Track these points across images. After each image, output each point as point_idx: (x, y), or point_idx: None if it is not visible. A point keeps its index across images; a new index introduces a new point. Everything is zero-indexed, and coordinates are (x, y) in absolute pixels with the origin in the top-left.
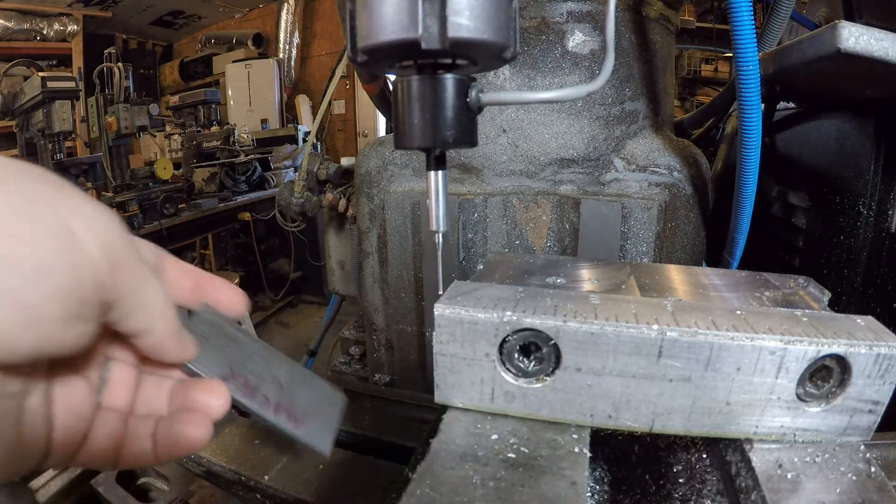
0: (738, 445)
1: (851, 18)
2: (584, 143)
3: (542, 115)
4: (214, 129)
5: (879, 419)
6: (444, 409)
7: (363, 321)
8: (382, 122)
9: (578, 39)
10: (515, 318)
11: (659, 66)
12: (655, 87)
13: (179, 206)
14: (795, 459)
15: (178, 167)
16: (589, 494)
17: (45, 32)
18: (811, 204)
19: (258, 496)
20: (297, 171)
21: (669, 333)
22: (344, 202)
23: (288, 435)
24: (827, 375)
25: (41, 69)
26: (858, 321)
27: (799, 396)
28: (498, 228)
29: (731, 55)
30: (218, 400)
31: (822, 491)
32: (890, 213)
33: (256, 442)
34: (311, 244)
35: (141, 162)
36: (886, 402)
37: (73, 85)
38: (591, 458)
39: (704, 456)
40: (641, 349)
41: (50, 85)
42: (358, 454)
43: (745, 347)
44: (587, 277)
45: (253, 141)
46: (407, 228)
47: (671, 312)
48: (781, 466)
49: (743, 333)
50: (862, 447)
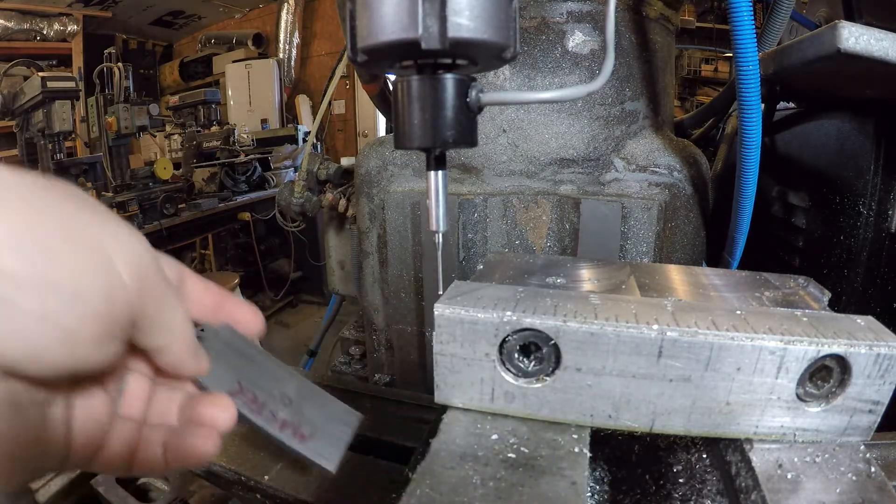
0: (738, 445)
1: (851, 18)
2: (584, 143)
3: (542, 115)
4: (214, 129)
5: (879, 419)
6: (444, 409)
7: (363, 321)
8: (382, 122)
9: (578, 39)
10: (515, 318)
11: (659, 66)
12: (655, 87)
13: (179, 206)
14: (795, 459)
15: (178, 167)
16: (589, 494)
17: (45, 32)
18: (811, 204)
19: (258, 496)
20: (297, 171)
21: (669, 333)
22: (344, 202)
23: (292, 450)
24: (827, 375)
25: (41, 69)
26: (858, 321)
27: (799, 396)
28: (498, 228)
29: (731, 55)
30: (224, 414)
31: (822, 491)
32: (890, 213)
33: (257, 442)
34: (311, 244)
35: (141, 162)
36: (886, 402)
37: (73, 85)
38: (591, 458)
39: (704, 456)
40: (641, 349)
41: (50, 85)
42: (358, 454)
43: (745, 347)
44: (587, 277)
45: (253, 141)
46: (407, 228)
47: (671, 312)
48: (781, 466)
49: (743, 333)
50: (862, 447)
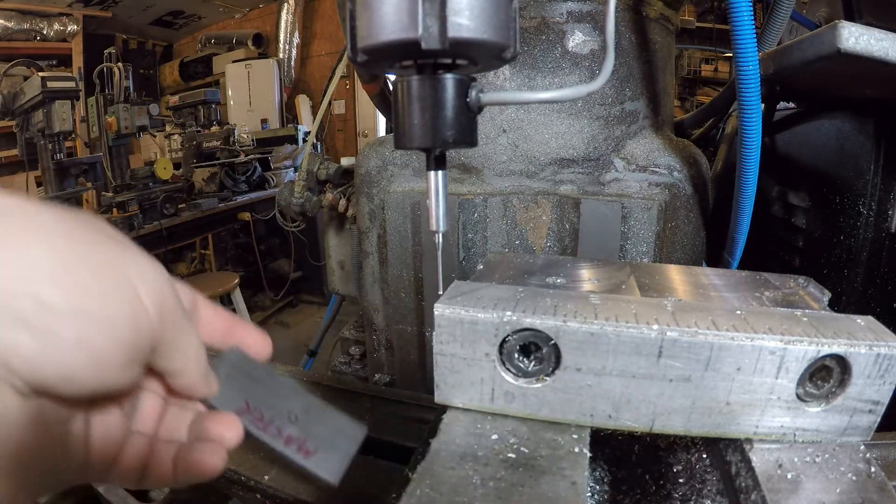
0: (738, 445)
1: (851, 18)
2: (584, 143)
3: (542, 115)
4: (214, 129)
5: (879, 419)
6: (444, 409)
7: (363, 321)
8: (382, 122)
9: (578, 39)
10: (515, 318)
11: (659, 66)
12: (655, 87)
13: (179, 206)
14: (795, 459)
15: (178, 167)
16: (589, 494)
17: (45, 32)
18: (811, 204)
19: (258, 496)
20: (297, 171)
21: (669, 333)
22: (344, 202)
23: (297, 465)
24: (827, 375)
25: (41, 69)
26: (858, 321)
27: (799, 396)
28: (498, 228)
29: (731, 55)
30: (231, 432)
31: (822, 491)
32: (890, 213)
33: (256, 444)
34: (311, 244)
35: (141, 162)
36: (886, 402)
37: (73, 85)
38: (591, 458)
39: (704, 456)
40: (641, 349)
41: (50, 85)
42: (358, 454)
43: (745, 347)
44: (587, 277)
45: (253, 141)
46: (407, 228)
47: (671, 312)
48: (781, 466)
49: (743, 333)
50: (862, 447)
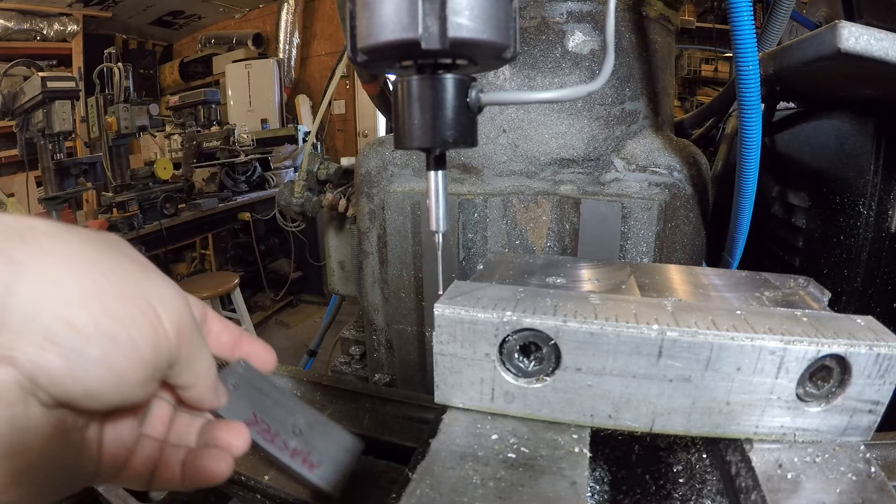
0: (738, 445)
1: (851, 18)
2: (584, 143)
3: (542, 115)
4: (214, 129)
5: (879, 419)
6: (444, 409)
7: (363, 321)
8: (382, 122)
9: (578, 39)
10: (515, 318)
11: (659, 66)
12: (655, 87)
13: (179, 206)
14: (795, 459)
15: (178, 167)
16: (589, 494)
17: (45, 32)
18: (811, 204)
19: (258, 496)
20: (297, 171)
21: (669, 333)
22: (344, 202)
23: (302, 477)
24: (827, 375)
25: (41, 69)
26: (858, 321)
27: (799, 396)
28: (498, 228)
29: (731, 55)
30: (238, 440)
31: (822, 491)
32: (890, 213)
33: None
34: (311, 244)
35: (141, 162)
36: (886, 402)
37: (73, 85)
38: (591, 458)
39: (704, 456)
40: (641, 349)
41: (50, 85)
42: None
43: (745, 347)
44: (587, 277)
45: (253, 141)
46: (407, 228)
47: (671, 312)
48: (781, 466)
49: (743, 333)
50: (862, 447)
